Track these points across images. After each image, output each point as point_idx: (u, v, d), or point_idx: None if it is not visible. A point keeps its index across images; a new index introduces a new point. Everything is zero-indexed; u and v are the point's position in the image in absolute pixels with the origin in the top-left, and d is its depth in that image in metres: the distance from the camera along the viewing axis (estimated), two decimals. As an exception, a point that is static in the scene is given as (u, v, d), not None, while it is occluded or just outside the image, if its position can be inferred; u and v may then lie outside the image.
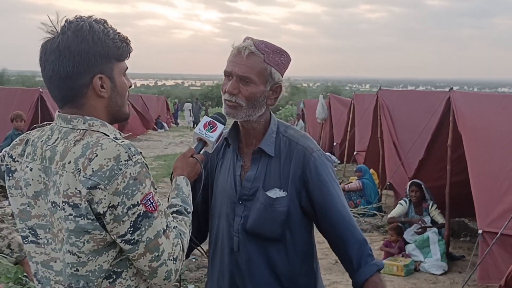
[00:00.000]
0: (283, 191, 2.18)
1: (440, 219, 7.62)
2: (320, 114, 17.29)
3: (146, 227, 1.69)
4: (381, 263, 2.20)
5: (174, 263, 1.76)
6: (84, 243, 1.68)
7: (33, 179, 1.79)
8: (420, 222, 7.60)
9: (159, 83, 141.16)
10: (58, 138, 1.76)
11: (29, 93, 13.39)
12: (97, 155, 1.65)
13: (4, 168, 1.90)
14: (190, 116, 32.29)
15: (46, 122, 1.91)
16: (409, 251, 7.32)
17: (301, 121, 21.99)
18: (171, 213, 1.93)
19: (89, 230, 1.67)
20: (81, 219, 1.66)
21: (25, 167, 1.81)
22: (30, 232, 1.83)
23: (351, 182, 10.83)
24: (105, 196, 1.63)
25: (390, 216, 8.10)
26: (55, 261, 1.78)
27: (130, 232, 1.68)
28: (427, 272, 7.03)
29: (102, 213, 1.65)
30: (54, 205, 1.72)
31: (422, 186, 7.76)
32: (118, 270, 1.75)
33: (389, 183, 9.50)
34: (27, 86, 22.63)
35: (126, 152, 1.67)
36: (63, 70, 1.73)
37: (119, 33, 1.81)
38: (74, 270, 1.71)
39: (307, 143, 2.23)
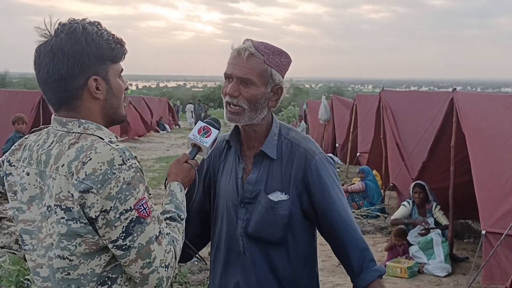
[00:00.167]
0: (285, 194, 2.16)
1: (443, 221, 7.57)
2: (322, 115, 17.25)
3: (139, 233, 1.67)
4: (382, 269, 2.17)
5: (165, 270, 1.73)
6: (76, 246, 1.66)
7: (29, 184, 1.77)
8: (423, 224, 7.56)
9: (161, 85, 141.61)
10: (53, 141, 1.75)
11: (30, 95, 13.38)
12: (90, 159, 1.63)
13: (2, 174, 1.89)
14: (192, 117, 32.28)
15: (43, 126, 1.89)
16: (412, 253, 7.28)
17: (303, 122, 21.96)
18: (164, 219, 1.90)
19: (81, 234, 1.65)
20: (73, 223, 1.64)
21: (21, 172, 1.80)
22: (20, 238, 1.83)
23: (354, 184, 10.79)
24: (97, 200, 1.61)
25: (393, 217, 8.06)
26: (41, 267, 1.77)
27: (122, 237, 1.65)
28: (431, 274, 6.98)
29: (94, 217, 1.63)
30: (49, 209, 1.70)
31: (426, 188, 7.72)
32: (113, 276, 1.73)
33: (392, 184, 9.45)
34: (29, 88, 22.65)
35: (120, 156, 1.65)
36: (57, 73, 1.71)
37: (113, 34, 1.79)
38: (65, 274, 1.69)
39: (309, 146, 2.20)
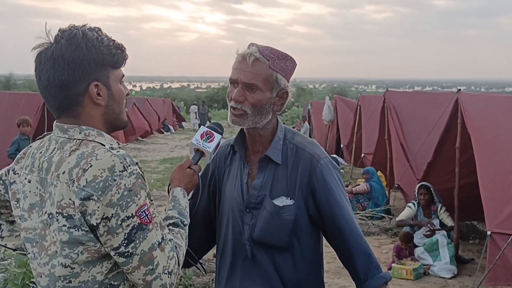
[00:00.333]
0: (290, 199, 2.15)
1: (449, 222, 7.55)
2: (326, 116, 17.22)
3: (141, 240, 1.66)
4: (388, 276, 2.16)
5: (169, 277, 1.71)
6: (78, 254, 1.66)
7: (30, 191, 1.77)
8: (428, 225, 7.52)
9: (165, 86, 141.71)
10: (55, 148, 1.74)
11: (35, 98, 13.35)
12: (91, 166, 1.63)
13: (8, 182, 1.89)
14: (196, 118, 32.26)
15: (46, 133, 1.88)
16: (418, 255, 7.24)
17: (306, 123, 21.91)
18: (167, 225, 1.89)
19: (83, 241, 1.64)
20: (75, 230, 1.63)
21: (23, 179, 1.80)
22: (24, 246, 1.82)
23: (359, 185, 10.75)
24: (98, 207, 1.60)
25: (398, 219, 8.03)
26: (41, 276, 1.76)
27: (124, 244, 1.64)
28: (437, 275, 6.94)
29: (95, 224, 1.62)
30: (50, 216, 1.69)
31: (431, 189, 7.68)
32: (115, 283, 1.72)
33: (397, 185, 9.42)
34: (34, 90, 22.70)
35: (121, 162, 1.64)
36: (58, 79, 1.70)
37: (114, 40, 1.78)
38: (67, 282, 1.68)
39: (314, 150, 2.19)
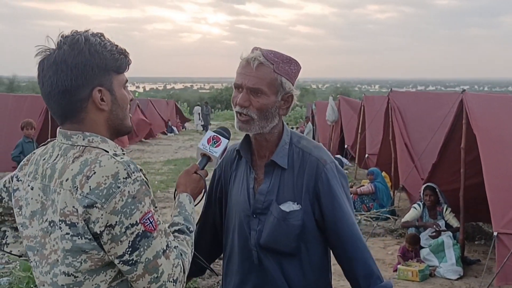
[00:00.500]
0: (297, 204, 2.12)
1: (454, 223, 7.51)
2: (330, 116, 17.19)
3: (145, 247, 1.64)
4: (390, 286, 2.13)
5: (174, 285, 1.69)
6: (81, 263, 1.63)
7: (32, 198, 1.75)
8: (434, 226, 7.49)
9: (168, 87, 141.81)
10: (58, 155, 1.73)
11: (39, 100, 13.36)
12: (95, 173, 1.61)
13: (11, 190, 1.87)
14: (199, 119, 32.26)
15: (50, 139, 1.86)
16: (423, 256, 7.21)
17: (309, 123, 21.86)
18: (173, 232, 1.86)
19: (86, 250, 1.62)
20: (78, 239, 1.61)
21: (26, 186, 1.78)
22: (26, 254, 1.80)
23: (363, 186, 10.73)
24: (102, 215, 1.58)
25: (404, 220, 8.00)
26: (43, 285, 1.74)
27: (128, 252, 1.62)
28: (443, 277, 6.91)
29: (99, 233, 1.60)
30: (52, 224, 1.67)
31: (437, 190, 7.65)
32: None
33: (401, 186, 9.38)
34: (37, 92, 22.73)
35: (125, 169, 1.62)
36: (61, 85, 1.68)
37: (117, 45, 1.76)
38: None
39: (320, 155, 2.16)
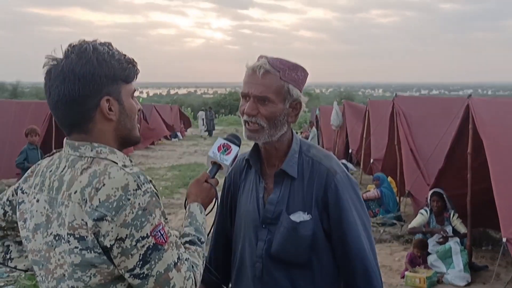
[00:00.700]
0: (307, 214, 2.08)
1: (462, 229, 7.46)
2: (335, 121, 17.16)
3: (156, 260, 1.60)
4: None
5: None
6: (90, 277, 1.60)
7: (37, 211, 1.72)
8: (441, 232, 7.43)
9: (172, 92, 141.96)
10: (65, 166, 1.69)
11: (43, 106, 13.36)
12: (104, 185, 1.57)
13: (16, 202, 1.84)
14: (203, 125, 32.24)
15: (56, 150, 1.83)
16: (431, 262, 7.15)
17: (314, 128, 21.81)
18: (184, 243, 1.83)
19: (96, 264, 1.59)
20: (87, 252, 1.58)
21: (32, 199, 1.75)
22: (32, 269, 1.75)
23: (369, 191, 10.68)
24: (112, 228, 1.55)
25: (411, 226, 7.95)
26: None
27: (139, 266, 1.59)
28: (450, 283, 6.85)
29: (109, 246, 1.57)
30: (57, 238, 1.63)
31: (444, 196, 7.60)
32: None
33: (407, 191, 9.33)
34: (41, 98, 22.79)
35: (135, 181, 1.59)
36: (69, 94, 1.65)
37: (125, 55, 1.74)
38: None
39: (331, 164, 2.13)
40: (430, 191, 7.78)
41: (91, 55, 1.65)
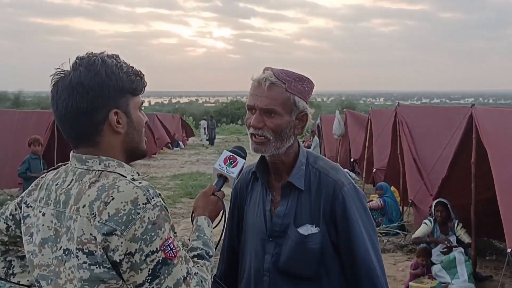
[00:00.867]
0: (315, 227, 2.07)
1: (466, 239, 7.42)
2: (337, 130, 17.15)
3: (166, 275, 1.58)
4: None
5: None
6: None
7: (43, 225, 1.69)
8: (446, 242, 7.39)
9: (174, 101, 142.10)
10: (72, 180, 1.67)
11: (45, 116, 13.38)
12: (113, 198, 1.55)
13: (19, 216, 1.81)
14: (205, 134, 32.23)
15: (60, 163, 1.81)
16: (435, 272, 7.10)
17: (316, 137, 21.80)
18: (192, 257, 1.81)
19: (105, 279, 1.56)
20: (96, 268, 1.55)
21: (37, 213, 1.72)
22: (37, 284, 1.73)
23: (372, 200, 10.64)
24: (121, 243, 1.53)
25: (414, 236, 7.92)
26: None
27: (148, 281, 1.56)
28: (455, 294, 6.79)
29: (119, 261, 1.54)
30: (67, 252, 1.61)
31: (448, 206, 7.57)
32: None
33: (410, 201, 9.30)
34: (43, 107, 22.82)
35: (144, 194, 1.57)
36: (77, 107, 1.64)
37: (133, 67, 1.73)
38: None
39: (338, 176, 2.11)
40: (434, 201, 7.75)
41: (100, 68, 1.64)
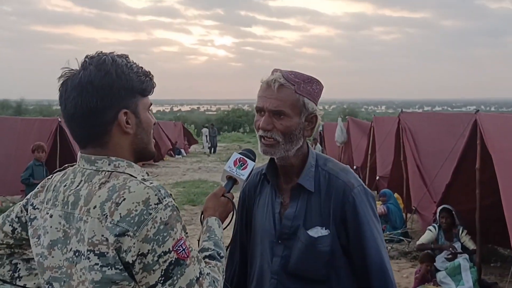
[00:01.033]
0: (325, 229, 2.05)
1: (471, 245, 7.39)
2: (339, 138, 17.14)
3: (178, 276, 1.56)
4: None
5: None
6: None
7: (51, 227, 1.66)
8: (450, 249, 7.36)
9: (175, 109, 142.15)
10: (81, 181, 1.65)
11: (47, 123, 13.40)
12: (124, 199, 1.53)
13: (26, 219, 1.79)
14: (207, 141, 32.22)
15: (67, 165, 1.79)
16: (440, 279, 7.07)
17: (318, 145, 21.78)
18: (203, 257, 1.79)
19: (117, 281, 1.54)
20: (108, 269, 1.53)
21: (45, 214, 1.70)
22: (49, 286, 1.69)
23: (375, 207, 10.59)
24: (134, 243, 1.51)
25: (419, 242, 7.89)
26: None
27: (161, 281, 1.55)
28: (460, 301, 6.76)
29: (131, 262, 1.52)
30: (77, 254, 1.59)
31: (453, 212, 7.54)
32: None
33: (414, 208, 9.26)
34: (45, 115, 22.84)
35: (156, 194, 1.55)
36: (86, 106, 1.61)
37: (142, 67, 1.71)
38: None
39: (348, 178, 2.10)
40: (439, 207, 7.73)
41: (110, 67, 1.62)
